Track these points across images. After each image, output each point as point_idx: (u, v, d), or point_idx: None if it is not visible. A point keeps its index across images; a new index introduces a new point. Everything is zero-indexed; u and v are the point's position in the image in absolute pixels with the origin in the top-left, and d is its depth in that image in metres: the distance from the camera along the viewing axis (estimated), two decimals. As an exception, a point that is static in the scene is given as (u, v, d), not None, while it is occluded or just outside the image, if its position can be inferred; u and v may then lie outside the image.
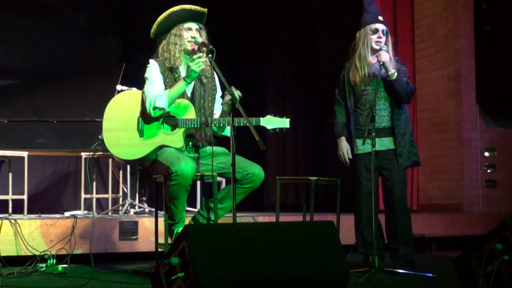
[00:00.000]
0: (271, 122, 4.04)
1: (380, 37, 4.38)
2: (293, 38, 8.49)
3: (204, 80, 4.15)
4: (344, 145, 4.50)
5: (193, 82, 4.09)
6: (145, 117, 4.01)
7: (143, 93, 4.04)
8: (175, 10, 4.07)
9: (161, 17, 4.08)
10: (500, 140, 7.31)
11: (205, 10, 4.12)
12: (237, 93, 3.89)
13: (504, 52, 6.93)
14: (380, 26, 4.40)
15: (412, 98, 4.56)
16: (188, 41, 4.08)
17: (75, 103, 6.52)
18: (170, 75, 4.08)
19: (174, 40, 4.08)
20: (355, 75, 4.45)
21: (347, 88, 4.50)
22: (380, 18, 4.42)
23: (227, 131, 4.11)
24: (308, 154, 8.24)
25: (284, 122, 4.06)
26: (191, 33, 4.08)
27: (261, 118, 4.02)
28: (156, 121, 4.03)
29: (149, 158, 4.01)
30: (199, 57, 3.91)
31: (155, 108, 3.93)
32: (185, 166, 3.78)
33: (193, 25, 4.10)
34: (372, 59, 4.41)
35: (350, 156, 4.49)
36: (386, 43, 4.39)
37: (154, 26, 4.10)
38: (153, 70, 4.08)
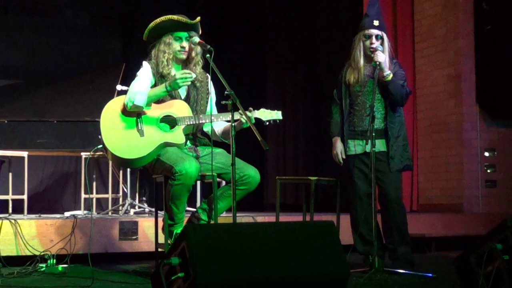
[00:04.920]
0: (265, 114, 4.16)
1: (372, 43, 4.39)
2: (293, 39, 8.48)
3: (198, 84, 4.20)
4: (338, 145, 4.53)
5: (187, 86, 4.14)
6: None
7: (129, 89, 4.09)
8: (165, 19, 4.06)
9: (152, 24, 4.08)
10: (500, 140, 7.30)
11: (196, 20, 4.11)
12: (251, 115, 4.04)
13: (504, 52, 6.93)
14: (374, 32, 4.40)
15: (407, 101, 4.56)
16: (179, 50, 4.11)
17: (75, 103, 6.51)
18: (162, 79, 4.11)
19: (163, 48, 4.11)
20: (350, 75, 4.48)
21: (343, 88, 4.52)
22: (376, 23, 4.40)
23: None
24: (308, 154, 8.24)
25: (277, 114, 4.20)
26: (182, 43, 4.11)
27: (255, 111, 4.13)
28: (154, 120, 4.04)
29: (152, 157, 4.01)
30: (189, 74, 3.95)
31: (134, 106, 3.96)
32: (189, 166, 3.79)
33: (183, 34, 4.12)
34: (368, 62, 4.43)
35: (344, 157, 4.51)
36: (382, 45, 4.39)
37: (146, 31, 4.13)
38: (144, 70, 4.13)
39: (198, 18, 4.11)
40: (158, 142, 3.99)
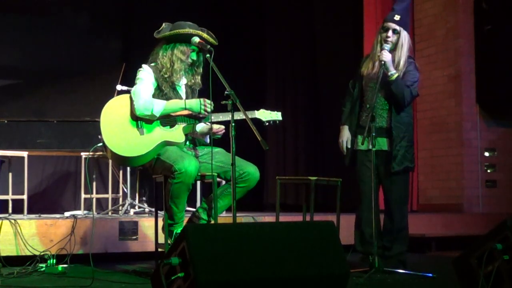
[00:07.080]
0: (265, 115, 4.18)
1: (388, 36, 4.34)
2: (293, 39, 8.48)
3: (196, 87, 4.25)
4: (345, 134, 4.48)
5: (184, 90, 4.19)
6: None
7: (134, 91, 4.05)
8: (197, 33, 4.07)
9: (181, 31, 4.07)
10: (500, 140, 7.31)
11: (216, 43, 4.18)
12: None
13: (504, 52, 6.93)
14: (392, 25, 4.33)
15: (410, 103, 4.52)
16: (189, 60, 4.16)
17: (75, 103, 6.51)
18: (164, 83, 4.12)
19: (180, 56, 4.11)
20: (366, 66, 4.45)
21: (358, 79, 4.49)
22: (397, 17, 4.33)
23: (206, 138, 4.23)
24: (308, 154, 8.24)
25: (277, 115, 4.23)
26: (193, 56, 4.15)
27: (255, 111, 4.16)
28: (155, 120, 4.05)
29: (151, 156, 4.02)
30: (209, 105, 4.02)
31: (152, 115, 3.98)
32: (189, 164, 3.81)
33: (196, 48, 4.15)
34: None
35: (349, 146, 4.47)
36: (398, 43, 4.34)
37: (167, 33, 4.10)
38: (146, 74, 4.11)
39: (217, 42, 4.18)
40: (158, 141, 4.00)
